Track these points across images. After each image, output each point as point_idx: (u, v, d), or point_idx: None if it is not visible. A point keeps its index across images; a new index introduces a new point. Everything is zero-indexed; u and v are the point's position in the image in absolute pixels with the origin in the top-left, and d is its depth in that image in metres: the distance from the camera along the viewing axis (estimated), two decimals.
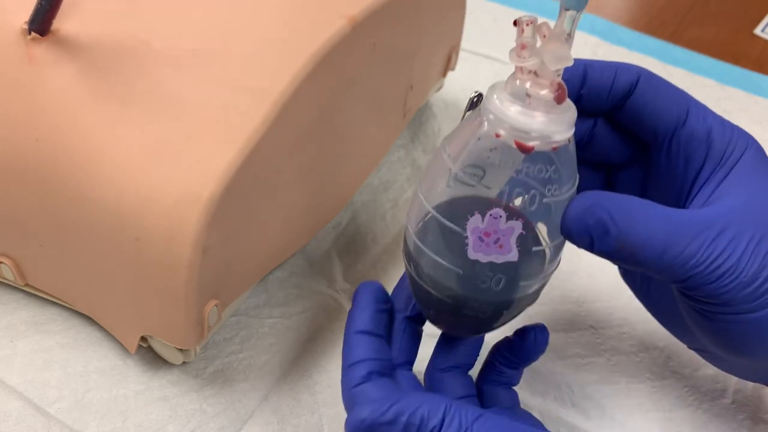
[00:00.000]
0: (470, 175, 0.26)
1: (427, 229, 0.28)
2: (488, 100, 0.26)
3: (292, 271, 0.41)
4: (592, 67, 0.30)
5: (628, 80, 0.29)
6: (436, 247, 0.27)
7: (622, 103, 0.30)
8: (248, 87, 0.32)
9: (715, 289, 0.26)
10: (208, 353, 0.37)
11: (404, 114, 0.46)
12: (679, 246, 0.26)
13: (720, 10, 0.68)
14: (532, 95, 0.25)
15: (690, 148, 0.29)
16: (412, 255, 0.29)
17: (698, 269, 0.26)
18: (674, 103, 0.29)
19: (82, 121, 0.31)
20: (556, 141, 0.25)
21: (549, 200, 0.26)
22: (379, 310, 0.31)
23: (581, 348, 0.39)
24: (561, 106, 0.25)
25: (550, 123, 0.25)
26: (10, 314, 0.38)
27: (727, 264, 0.26)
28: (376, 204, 0.46)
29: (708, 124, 0.29)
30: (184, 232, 0.29)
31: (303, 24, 0.34)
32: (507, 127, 0.25)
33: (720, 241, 0.26)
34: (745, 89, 0.58)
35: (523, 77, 0.25)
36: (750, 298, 0.26)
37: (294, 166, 0.35)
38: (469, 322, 0.29)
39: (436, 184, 0.27)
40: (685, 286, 0.27)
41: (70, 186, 0.31)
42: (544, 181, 0.26)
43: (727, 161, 0.28)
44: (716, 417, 0.36)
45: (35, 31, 0.32)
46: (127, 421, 0.34)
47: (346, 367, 0.29)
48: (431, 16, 0.43)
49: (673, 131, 0.29)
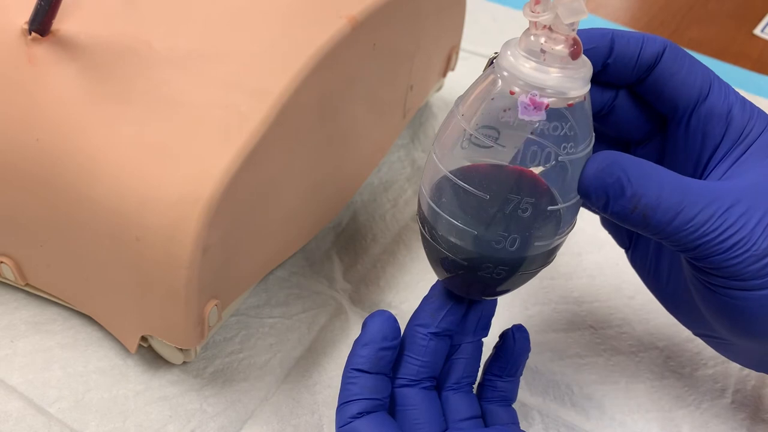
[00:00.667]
0: (485, 136, 0.26)
1: (442, 191, 0.27)
2: (502, 57, 0.25)
3: (293, 271, 0.41)
4: (619, 36, 0.29)
5: (654, 51, 0.29)
6: (450, 209, 0.27)
7: (647, 75, 0.29)
8: (248, 87, 0.32)
9: (724, 260, 0.26)
10: (208, 353, 0.37)
11: (404, 114, 0.46)
12: (692, 211, 0.26)
13: (720, 10, 0.69)
14: (547, 51, 0.25)
15: (709, 124, 0.29)
16: (427, 217, 0.28)
17: (708, 237, 0.26)
18: (697, 77, 0.29)
19: (83, 121, 0.31)
20: (572, 97, 0.25)
21: (564, 158, 0.26)
22: (383, 348, 0.30)
23: (581, 348, 0.39)
24: (576, 62, 0.25)
25: (565, 79, 0.25)
26: (11, 314, 0.38)
27: (738, 235, 0.26)
28: (376, 204, 0.46)
29: (729, 101, 0.29)
30: (184, 231, 0.29)
31: (303, 24, 0.34)
32: (521, 84, 0.25)
33: (732, 212, 0.26)
34: (745, 89, 0.58)
35: (538, 33, 0.25)
36: (760, 273, 0.26)
37: (294, 166, 0.35)
38: (483, 283, 0.29)
39: (450, 146, 0.27)
40: (695, 256, 0.27)
41: (70, 186, 0.31)
42: (560, 138, 0.26)
43: (745, 140, 0.28)
44: (716, 416, 0.36)
45: (35, 31, 0.32)
46: (127, 421, 0.34)
47: (340, 405, 0.29)
48: (431, 16, 0.43)
49: (694, 106, 0.29)
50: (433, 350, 0.30)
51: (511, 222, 0.26)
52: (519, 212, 0.26)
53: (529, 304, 0.41)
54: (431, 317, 0.30)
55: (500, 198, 0.26)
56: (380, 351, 0.30)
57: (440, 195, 0.27)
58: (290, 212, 0.37)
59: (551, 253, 0.29)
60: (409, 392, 0.30)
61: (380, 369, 0.30)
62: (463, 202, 0.27)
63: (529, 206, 0.26)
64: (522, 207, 0.26)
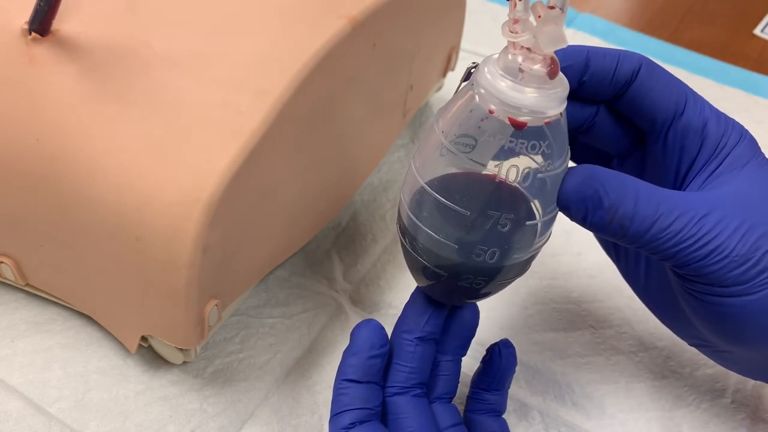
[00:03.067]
0: (461, 145, 0.27)
1: (423, 204, 0.28)
2: (480, 74, 0.26)
3: (293, 271, 0.41)
4: (595, 53, 0.30)
5: (630, 68, 0.30)
6: (430, 221, 0.28)
7: (624, 91, 0.30)
8: (249, 87, 0.32)
9: (703, 266, 0.27)
10: (208, 353, 0.37)
11: (404, 114, 0.46)
12: (667, 220, 0.26)
13: (719, 10, 0.69)
14: (525, 70, 0.25)
15: (686, 139, 0.30)
16: (408, 229, 0.29)
17: (685, 244, 0.26)
18: (673, 93, 0.30)
19: (83, 121, 0.31)
20: (549, 116, 0.25)
21: (543, 175, 0.26)
22: (372, 356, 0.30)
23: (581, 348, 0.39)
24: (553, 81, 0.25)
25: (542, 98, 0.25)
26: (11, 314, 0.38)
27: (715, 242, 0.26)
28: (376, 204, 0.46)
29: (705, 116, 0.29)
30: (184, 231, 0.29)
31: (303, 24, 0.34)
32: (498, 103, 0.25)
33: (708, 220, 0.26)
34: (744, 89, 0.58)
35: (516, 52, 0.25)
36: (740, 279, 0.26)
37: (294, 166, 0.35)
38: (463, 290, 0.29)
39: (429, 158, 0.28)
40: (675, 264, 0.27)
41: (70, 186, 0.31)
42: (538, 154, 0.26)
43: (721, 152, 0.29)
44: (716, 416, 0.36)
45: (35, 31, 0.32)
46: (127, 421, 0.34)
47: (333, 416, 0.30)
48: (431, 16, 0.43)
49: (670, 122, 0.30)
50: (420, 356, 0.30)
51: (491, 236, 0.27)
52: (499, 227, 0.27)
53: (529, 303, 0.41)
54: (415, 323, 0.31)
55: (481, 214, 0.26)
56: (369, 360, 0.30)
57: (420, 208, 0.28)
58: (290, 212, 0.37)
59: (529, 261, 0.29)
60: (400, 401, 0.30)
61: (370, 378, 0.30)
62: (443, 216, 0.27)
63: (508, 222, 0.26)
64: (502, 222, 0.26)
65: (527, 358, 0.38)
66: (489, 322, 0.40)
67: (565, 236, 0.44)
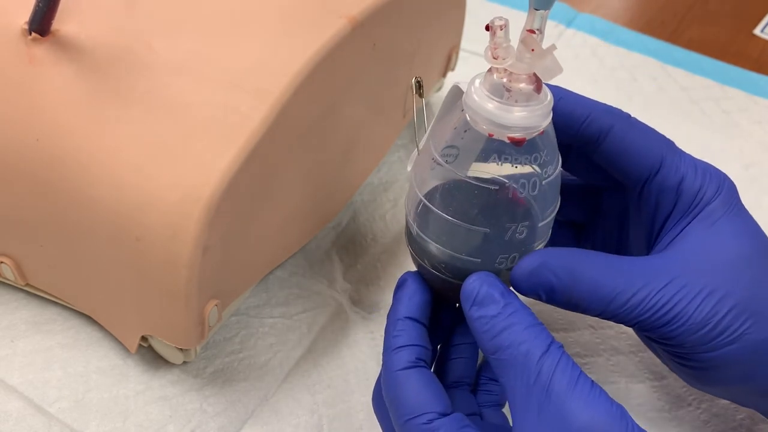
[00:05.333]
0: (448, 156, 0.28)
1: (427, 217, 0.29)
2: (468, 97, 0.27)
3: (293, 271, 0.41)
4: (566, 99, 0.30)
5: (599, 126, 0.30)
6: (434, 234, 0.29)
7: (596, 146, 0.31)
8: (249, 87, 0.32)
9: (666, 332, 0.28)
10: (208, 353, 0.37)
11: (404, 114, 0.46)
12: (625, 296, 0.27)
13: (719, 10, 0.69)
14: (513, 89, 0.26)
15: (660, 196, 0.30)
16: (426, 251, 0.30)
17: (645, 315, 0.28)
18: (650, 152, 0.30)
19: (83, 121, 0.31)
20: (543, 127, 0.27)
21: (545, 181, 0.28)
22: (427, 301, 0.30)
23: (581, 348, 0.39)
24: (539, 95, 0.27)
25: (533, 114, 0.26)
26: (11, 314, 0.38)
27: (674, 310, 0.27)
28: (376, 204, 0.46)
29: (681, 173, 0.30)
30: (184, 231, 0.29)
31: (303, 24, 0.34)
32: (490, 124, 0.27)
33: (668, 290, 0.27)
34: (744, 89, 0.58)
35: (500, 74, 0.26)
36: (702, 340, 0.28)
37: (294, 166, 0.35)
38: None
39: (425, 174, 0.29)
40: (640, 330, 0.29)
41: (70, 186, 0.31)
42: (539, 166, 0.28)
43: (695, 209, 0.30)
44: (715, 417, 0.36)
45: (35, 31, 0.32)
46: (127, 421, 0.34)
47: (391, 351, 0.29)
48: (431, 16, 0.43)
49: (644, 180, 0.31)
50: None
51: (510, 244, 0.28)
52: (516, 235, 0.28)
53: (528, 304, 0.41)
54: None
55: (499, 228, 0.28)
56: (425, 303, 0.30)
57: (438, 232, 0.29)
58: (290, 212, 0.37)
59: None
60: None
61: (425, 321, 0.30)
62: (443, 227, 0.29)
63: (525, 228, 0.28)
64: (519, 231, 0.28)
65: None
66: None
67: None
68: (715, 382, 0.30)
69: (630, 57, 0.61)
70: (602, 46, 0.62)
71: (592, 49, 0.61)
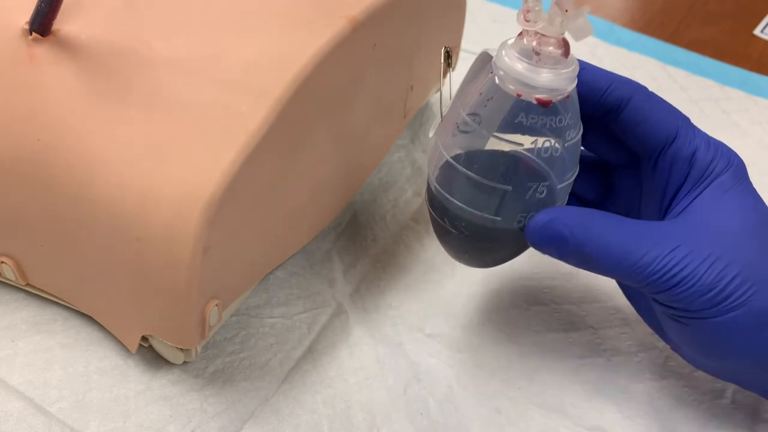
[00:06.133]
0: (475, 116, 0.30)
1: (449, 176, 0.31)
2: (499, 59, 0.29)
3: (293, 271, 0.41)
4: (587, 70, 0.31)
5: (620, 95, 0.31)
6: (457, 192, 0.31)
7: (615, 115, 0.32)
8: (249, 87, 0.32)
9: (674, 294, 0.29)
10: (208, 353, 0.37)
11: (405, 114, 0.46)
12: (636, 254, 0.29)
13: (719, 10, 0.69)
14: (542, 53, 0.28)
15: (674, 166, 0.31)
16: (435, 201, 0.32)
17: (655, 276, 0.29)
18: (665, 123, 0.31)
19: (84, 121, 0.31)
20: (568, 91, 0.29)
21: (567, 143, 0.30)
22: None
23: (581, 348, 0.39)
24: (567, 60, 0.28)
25: (560, 76, 0.28)
26: (11, 314, 0.38)
27: (683, 273, 0.28)
28: (376, 204, 0.46)
29: (694, 144, 0.31)
30: (185, 231, 0.29)
31: (304, 24, 0.34)
32: (519, 85, 0.28)
33: (677, 253, 0.28)
34: (744, 90, 0.58)
35: (530, 38, 0.28)
36: (709, 304, 0.28)
37: (295, 166, 0.35)
38: (501, 254, 0.34)
39: (450, 134, 0.31)
40: (648, 291, 0.30)
41: (71, 186, 0.31)
42: (561, 128, 0.29)
43: (706, 180, 0.31)
44: (715, 417, 0.36)
45: (36, 31, 0.32)
46: (127, 421, 0.34)
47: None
48: (431, 16, 0.44)
49: (660, 150, 0.32)
50: None
51: (531, 203, 0.30)
52: (537, 194, 0.30)
53: (529, 304, 0.41)
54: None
55: (521, 186, 0.30)
56: None
57: (461, 191, 0.31)
58: (291, 212, 0.37)
59: None
60: None
61: None
62: (471, 187, 0.30)
63: (545, 188, 0.30)
64: (539, 190, 0.30)
65: (527, 359, 0.38)
66: (489, 324, 0.40)
67: None
68: (719, 352, 0.30)
69: (630, 57, 0.61)
70: (602, 47, 0.62)
71: (592, 49, 0.61)
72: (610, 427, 0.36)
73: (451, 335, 0.39)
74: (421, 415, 0.35)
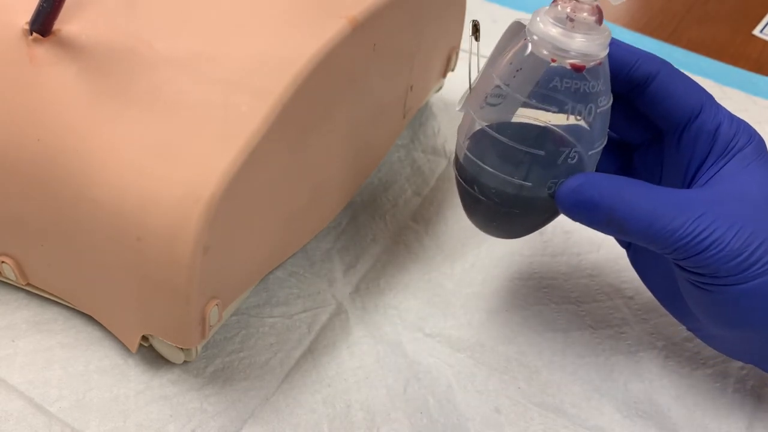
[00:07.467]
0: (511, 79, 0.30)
1: (481, 144, 0.32)
2: (534, 26, 0.29)
3: (293, 270, 0.42)
4: (617, 46, 0.32)
5: (647, 70, 0.32)
6: (488, 158, 0.31)
7: (641, 90, 0.32)
8: (249, 87, 0.32)
9: (702, 259, 0.29)
10: (208, 352, 0.37)
11: (404, 114, 0.46)
12: (665, 219, 0.29)
13: (719, 10, 0.69)
14: (576, 19, 0.28)
15: (698, 140, 0.32)
16: (466, 169, 0.32)
17: (684, 240, 0.29)
18: (690, 98, 0.32)
19: (84, 121, 0.32)
20: (601, 58, 0.29)
21: (599, 109, 0.30)
22: None
23: (580, 348, 0.39)
24: (599, 28, 0.29)
25: (593, 42, 0.29)
26: (12, 314, 0.38)
27: (712, 237, 0.29)
28: (376, 204, 0.46)
29: (718, 119, 0.32)
30: (185, 231, 0.29)
31: (303, 24, 0.34)
32: (554, 49, 0.29)
33: (704, 218, 0.29)
34: (744, 90, 0.58)
35: (564, 4, 0.29)
36: (736, 269, 0.29)
37: (294, 166, 0.35)
38: (533, 223, 0.34)
39: (481, 104, 0.31)
40: (675, 257, 0.30)
41: (71, 186, 0.32)
42: (594, 95, 0.30)
43: (729, 153, 0.32)
44: (715, 417, 0.36)
45: (36, 31, 0.32)
46: (127, 421, 0.34)
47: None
48: (431, 17, 0.44)
49: (685, 124, 0.32)
50: None
51: (563, 169, 0.31)
52: (569, 160, 0.31)
53: (528, 303, 0.41)
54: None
55: (554, 151, 0.30)
56: None
57: (492, 156, 0.31)
58: (291, 212, 0.37)
59: None
60: None
61: None
62: (500, 152, 0.31)
63: (576, 154, 0.31)
64: (571, 156, 0.31)
65: (526, 359, 0.38)
66: (489, 323, 0.40)
67: (565, 237, 0.44)
68: (741, 321, 0.30)
69: None
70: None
71: None
72: (610, 427, 0.36)
73: (451, 335, 0.39)
74: (420, 414, 0.35)
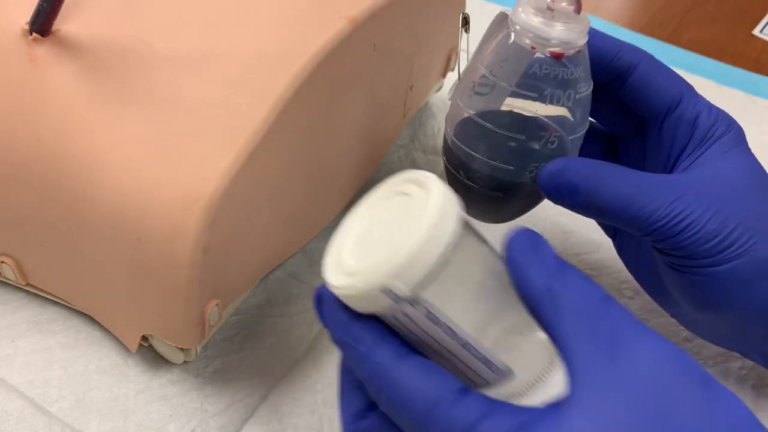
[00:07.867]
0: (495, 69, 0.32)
1: (466, 130, 0.33)
2: (516, 15, 0.31)
3: (292, 270, 0.42)
4: (596, 37, 0.33)
5: (629, 60, 0.33)
6: (473, 143, 0.33)
7: (623, 81, 0.33)
8: (249, 87, 0.32)
9: (679, 241, 0.30)
10: (208, 352, 0.37)
11: (404, 114, 0.46)
12: (643, 201, 0.30)
13: (719, 10, 0.69)
14: (555, 9, 0.30)
15: (678, 129, 0.33)
16: (453, 155, 0.34)
17: (661, 222, 0.30)
18: (671, 88, 0.33)
19: (84, 121, 0.32)
20: (580, 46, 0.30)
21: (579, 95, 0.32)
22: None
23: None
24: (578, 17, 0.30)
25: (572, 30, 0.30)
26: (12, 314, 0.38)
27: (688, 219, 0.29)
28: None
29: (697, 109, 0.33)
30: (185, 231, 0.29)
31: (304, 24, 0.34)
32: (534, 38, 0.30)
33: (681, 201, 0.30)
34: (743, 90, 0.58)
35: None
36: (712, 251, 0.29)
37: (294, 166, 0.35)
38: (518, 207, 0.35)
39: (468, 93, 0.33)
40: (654, 239, 0.31)
41: (71, 186, 0.32)
42: (573, 81, 0.31)
43: (708, 141, 0.33)
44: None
45: (36, 31, 0.32)
46: (127, 421, 0.34)
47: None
48: (431, 17, 0.44)
49: (665, 113, 0.33)
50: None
51: (542, 153, 0.32)
52: (549, 144, 0.32)
53: None
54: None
55: (533, 135, 0.32)
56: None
57: (477, 141, 0.33)
58: (290, 212, 0.37)
59: None
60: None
61: None
62: (486, 139, 0.32)
63: (556, 138, 0.32)
64: (551, 140, 0.32)
65: None
66: None
67: (565, 237, 0.44)
68: (719, 303, 0.31)
69: None
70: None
71: None
72: None
73: None
74: None
